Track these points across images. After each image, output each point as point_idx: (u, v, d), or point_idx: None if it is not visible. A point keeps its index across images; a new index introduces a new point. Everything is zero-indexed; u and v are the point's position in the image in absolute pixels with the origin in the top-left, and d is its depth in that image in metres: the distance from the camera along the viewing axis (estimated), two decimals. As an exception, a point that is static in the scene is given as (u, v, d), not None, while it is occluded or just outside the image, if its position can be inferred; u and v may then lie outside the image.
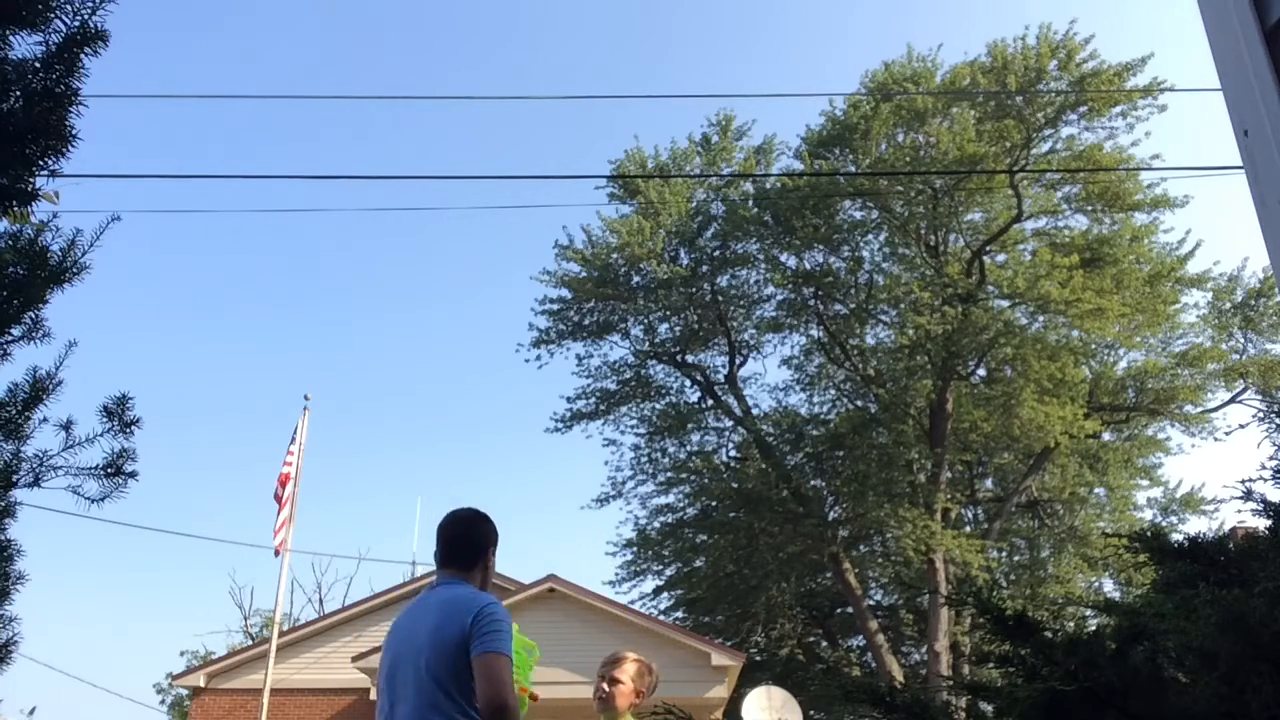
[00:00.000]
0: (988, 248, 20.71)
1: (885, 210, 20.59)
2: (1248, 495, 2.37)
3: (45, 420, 3.77)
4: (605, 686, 3.75)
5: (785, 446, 22.16)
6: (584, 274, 21.72)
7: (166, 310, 51.34)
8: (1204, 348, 21.10)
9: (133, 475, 3.83)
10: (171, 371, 50.19)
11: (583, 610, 14.71)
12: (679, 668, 14.40)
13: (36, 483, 3.69)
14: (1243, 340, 22.18)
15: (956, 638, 19.33)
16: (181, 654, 31.38)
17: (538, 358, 22.29)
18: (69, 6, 3.46)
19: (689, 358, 22.68)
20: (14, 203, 3.51)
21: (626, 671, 3.75)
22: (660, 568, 22.96)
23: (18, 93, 3.40)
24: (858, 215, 21.48)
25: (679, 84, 56.22)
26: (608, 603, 15.53)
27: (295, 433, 14.41)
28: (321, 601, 31.32)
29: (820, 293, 21.50)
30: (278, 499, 13.86)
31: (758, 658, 22.26)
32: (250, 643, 24.78)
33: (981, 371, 21.43)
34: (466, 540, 3.03)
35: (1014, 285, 18.76)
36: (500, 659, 2.70)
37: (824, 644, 24.90)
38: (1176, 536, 2.48)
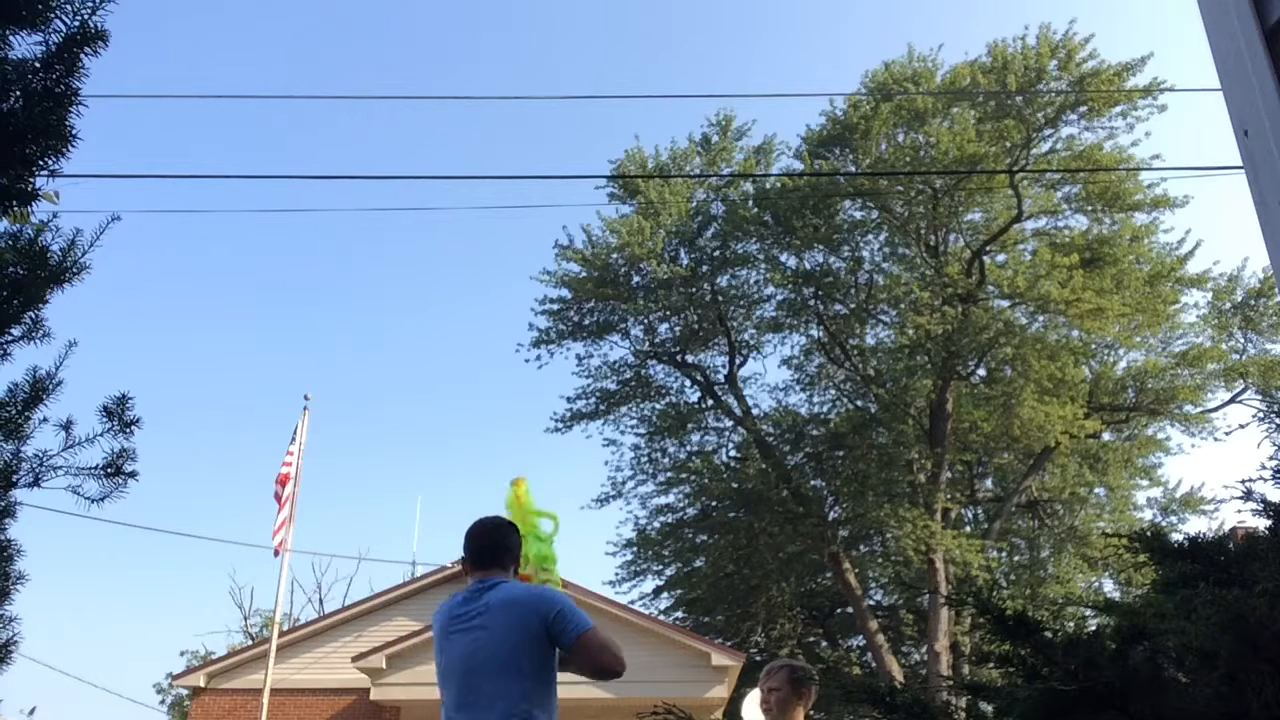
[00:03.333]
0: (988, 248, 20.71)
1: (885, 210, 20.59)
2: (1248, 495, 2.37)
3: (45, 420, 3.77)
4: (769, 698, 4.00)
5: (785, 446, 22.15)
6: (584, 274, 21.71)
7: (166, 310, 51.35)
8: (1204, 348, 21.10)
9: (133, 475, 3.83)
10: (171, 371, 50.19)
11: (583, 610, 14.71)
12: (679, 668, 14.41)
13: (36, 483, 3.69)
14: (1243, 340, 22.19)
15: (956, 638, 19.33)
16: (181, 654, 31.36)
17: (538, 358, 22.31)
18: (69, 6, 3.46)
19: (689, 358, 22.68)
20: (14, 203, 3.51)
21: (780, 677, 4.01)
22: (660, 568, 22.96)
23: (18, 93, 3.40)
24: (858, 215, 21.49)
25: (679, 84, 56.23)
26: (608, 603, 15.53)
27: (295, 433, 14.42)
28: (321, 601, 31.31)
29: (820, 293, 21.49)
30: (277, 498, 13.86)
31: (758, 658, 22.24)
32: (250, 643, 24.76)
33: (981, 371, 21.44)
34: (506, 545, 3.29)
35: (1014, 285, 18.76)
36: (595, 633, 3.03)
37: (824, 644, 24.90)
38: (1176, 536, 2.48)
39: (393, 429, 54.05)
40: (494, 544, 3.27)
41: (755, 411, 22.40)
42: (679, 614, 23.02)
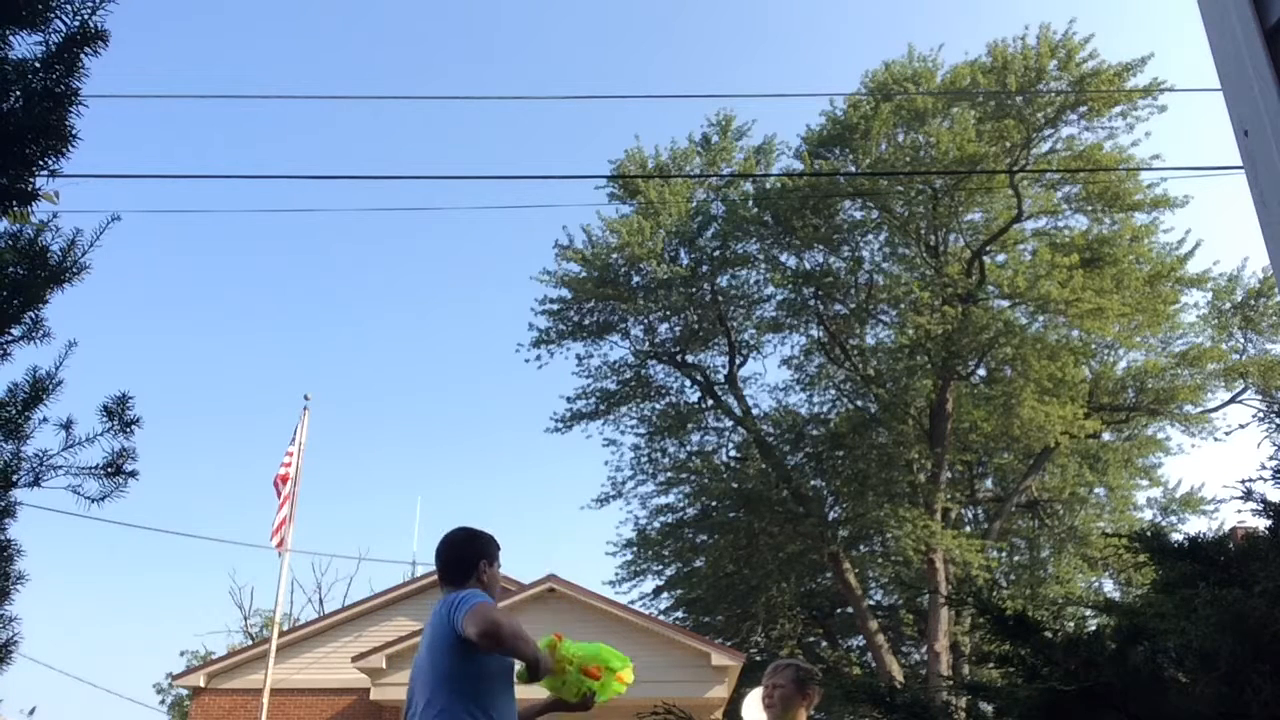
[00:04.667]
0: (988, 248, 20.71)
1: (885, 210, 20.58)
2: (1248, 495, 2.37)
3: (45, 420, 3.77)
4: (773, 694, 4.06)
5: (785, 446, 22.15)
6: (584, 274, 21.71)
7: (167, 310, 51.35)
8: (1204, 348, 21.09)
9: (133, 475, 3.83)
10: (171, 371, 50.19)
11: (583, 610, 14.72)
12: (679, 668, 14.41)
13: (36, 482, 3.69)
14: (1243, 340, 22.18)
15: (956, 638, 19.33)
16: (181, 654, 31.38)
17: (538, 358, 22.30)
18: (69, 6, 3.46)
19: (689, 358, 22.68)
20: (14, 203, 3.50)
21: (786, 675, 4.08)
22: (660, 568, 22.95)
23: (18, 93, 3.40)
24: (858, 215, 21.48)
25: (679, 84, 56.24)
26: (608, 603, 15.54)
27: (295, 433, 14.42)
28: (321, 601, 31.32)
29: (820, 293, 21.49)
30: (278, 494, 13.88)
31: (758, 658, 22.23)
32: (250, 643, 24.77)
33: (981, 371, 21.43)
34: (457, 559, 3.26)
35: (1014, 285, 18.76)
36: (477, 607, 2.88)
37: (824, 644, 24.90)
38: (1176, 536, 2.48)
39: (392, 429, 54.09)
40: (448, 561, 3.27)
41: (755, 411, 22.41)
42: (679, 614, 23.01)
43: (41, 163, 3.46)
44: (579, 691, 3.25)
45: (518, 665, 3.10)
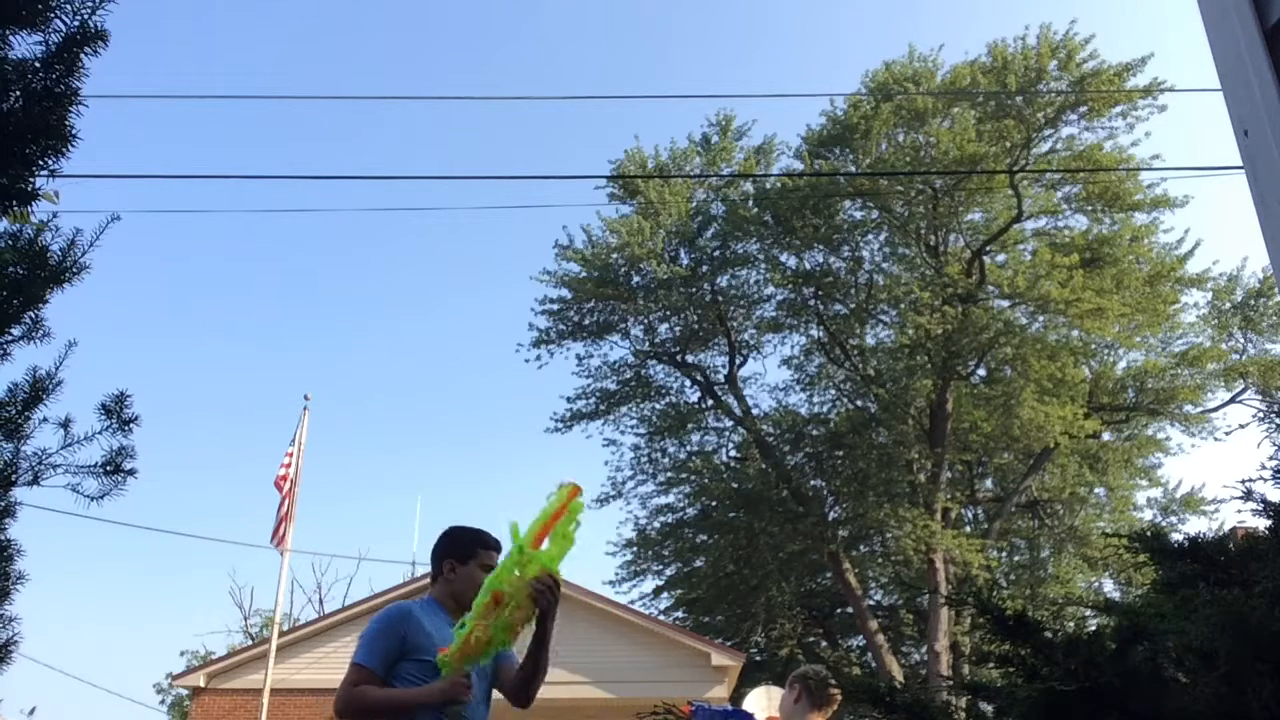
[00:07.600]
0: (988, 248, 20.72)
1: (885, 210, 20.60)
2: (1248, 495, 2.36)
3: (45, 420, 3.77)
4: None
5: (785, 446, 22.16)
6: (584, 274, 21.73)
7: (166, 310, 51.29)
8: (1204, 348, 21.11)
9: (132, 473, 3.83)
10: (171, 371, 50.14)
11: (583, 610, 14.71)
12: (679, 668, 14.42)
13: (35, 481, 3.69)
14: (1243, 340, 22.20)
15: (956, 638, 19.33)
16: (181, 654, 31.34)
17: (538, 358, 22.32)
18: (69, 6, 3.45)
19: (689, 358, 22.69)
20: (14, 203, 3.50)
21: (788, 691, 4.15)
22: (660, 568, 22.96)
23: (18, 93, 3.40)
24: (858, 215, 21.50)
25: (679, 84, 56.25)
26: (608, 603, 15.54)
27: (295, 433, 14.43)
28: (321, 601, 31.29)
29: (820, 293, 21.51)
30: (279, 489, 13.89)
31: (758, 658, 22.27)
32: (250, 643, 24.77)
33: (981, 371, 21.44)
34: (432, 559, 3.35)
35: (1014, 285, 18.78)
36: (348, 669, 3.13)
37: (824, 644, 24.90)
38: (1176, 536, 2.48)
39: (393, 429, 53.99)
40: (430, 560, 3.34)
41: (755, 411, 22.42)
42: (679, 614, 23.02)
43: (41, 163, 3.46)
44: (524, 614, 2.82)
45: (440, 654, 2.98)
